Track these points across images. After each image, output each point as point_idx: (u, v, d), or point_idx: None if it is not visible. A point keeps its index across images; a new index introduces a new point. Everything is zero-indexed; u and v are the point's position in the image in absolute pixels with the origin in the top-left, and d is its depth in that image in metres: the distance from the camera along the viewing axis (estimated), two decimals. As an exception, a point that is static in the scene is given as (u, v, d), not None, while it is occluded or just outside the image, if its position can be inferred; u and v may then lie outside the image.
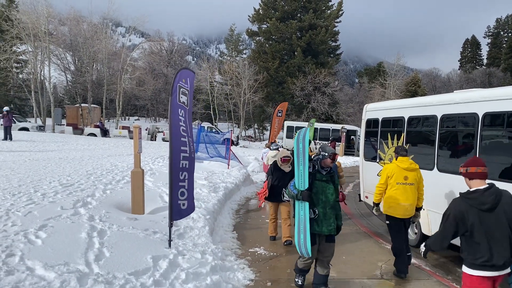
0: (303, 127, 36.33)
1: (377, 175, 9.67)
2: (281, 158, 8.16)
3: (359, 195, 10.95)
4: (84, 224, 6.35)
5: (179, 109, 6.23)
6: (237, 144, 38.79)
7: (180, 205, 6.27)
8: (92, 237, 5.90)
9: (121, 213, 7.54)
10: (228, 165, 16.02)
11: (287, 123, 38.84)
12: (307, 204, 5.27)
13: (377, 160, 9.84)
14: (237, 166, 16.35)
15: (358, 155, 35.91)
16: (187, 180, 6.28)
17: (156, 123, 63.31)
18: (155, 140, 38.21)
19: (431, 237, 4.04)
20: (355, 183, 17.11)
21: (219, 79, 57.96)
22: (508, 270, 3.69)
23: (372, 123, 10.31)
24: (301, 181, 5.28)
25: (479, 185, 3.80)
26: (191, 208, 6.49)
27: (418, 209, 6.69)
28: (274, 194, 8.10)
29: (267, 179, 8.29)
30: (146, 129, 40.35)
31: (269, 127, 41.38)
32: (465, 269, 3.74)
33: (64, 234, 5.82)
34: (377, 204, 6.99)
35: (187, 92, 6.44)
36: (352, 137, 36.79)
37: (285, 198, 7.99)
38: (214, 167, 15.29)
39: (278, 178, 8.06)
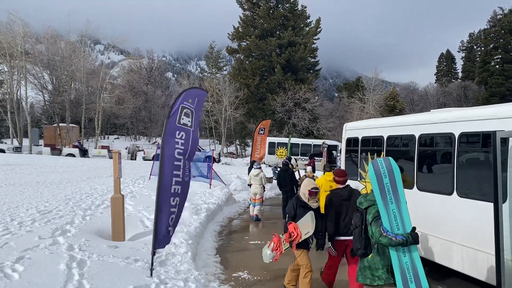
0: (285, 143, 36.62)
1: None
2: (308, 191, 6.22)
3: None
4: (63, 255, 6.21)
5: (178, 132, 6.09)
6: (219, 161, 38.67)
7: (170, 232, 6.17)
8: (72, 268, 5.76)
9: (101, 240, 7.40)
10: (210, 184, 15.94)
11: (268, 139, 38.95)
12: (415, 246, 4.49)
13: (358, 179, 9.94)
14: (219, 185, 16.27)
15: None
16: (177, 206, 6.17)
17: (136, 141, 62.76)
18: (135, 159, 37.81)
19: (328, 227, 6.24)
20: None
21: (200, 96, 58.04)
22: None
23: (352, 142, 10.44)
24: (396, 222, 4.43)
25: (341, 185, 6.32)
26: (172, 235, 6.41)
27: None
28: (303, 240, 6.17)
29: (287, 220, 6.27)
30: (126, 148, 39.96)
31: (251, 143, 41.55)
32: (331, 239, 6.21)
33: (42, 266, 5.68)
34: None
35: (190, 113, 6.23)
36: (333, 152, 37.12)
37: (310, 246, 6.28)
38: (195, 187, 15.18)
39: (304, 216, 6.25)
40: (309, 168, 13.99)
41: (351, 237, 5.53)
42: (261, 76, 53.49)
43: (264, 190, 13.99)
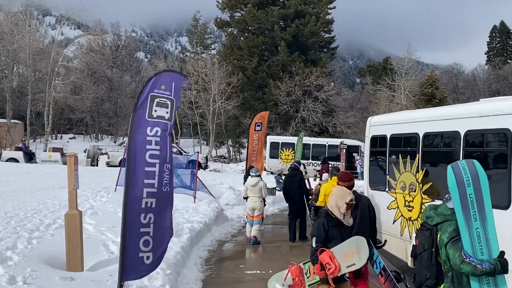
0: (292, 143, 36.65)
1: (387, 208, 9.80)
2: (346, 204, 5.98)
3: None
4: (3, 289, 6.22)
5: (149, 128, 6.11)
6: (206, 167, 38.73)
7: (143, 258, 6.16)
8: (14, 306, 5.77)
9: (53, 270, 7.41)
10: (195, 198, 15.96)
11: (270, 139, 38.91)
12: (503, 277, 4.47)
13: (386, 189, 9.96)
14: (206, 198, 16.31)
15: (362, 178, 35.87)
16: (152, 225, 6.18)
17: (97, 142, 62.74)
18: (97, 165, 37.80)
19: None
20: (360, 217, 17.20)
21: (181, 83, 58.18)
22: None
23: (378, 142, 10.46)
24: (480, 245, 4.41)
25: None
26: (158, 261, 6.41)
27: None
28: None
29: (316, 246, 5.97)
30: (85, 151, 39.91)
31: (247, 144, 41.53)
32: None
33: (-25, 304, 5.69)
34: None
35: (168, 103, 6.26)
36: (354, 154, 37.18)
37: (346, 276, 6.18)
38: (176, 202, 15.04)
39: (339, 239, 5.97)
40: (325, 176, 14.03)
41: None
42: (260, 56, 53.59)
43: (265, 205, 13.99)
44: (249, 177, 13.97)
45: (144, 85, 6.17)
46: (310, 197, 14.15)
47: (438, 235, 4.65)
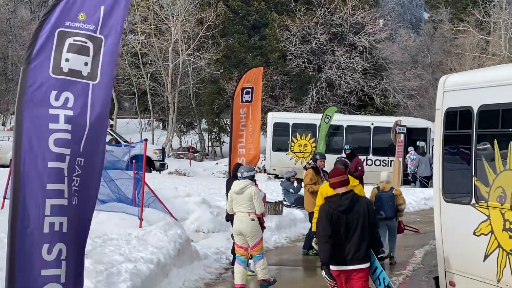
0: (311, 124, 36.68)
1: (474, 233, 9.82)
2: None
3: (436, 278, 11.03)
4: None
5: (55, 92, 5.96)
6: (162, 167, 38.81)
7: None
8: None
9: None
10: (141, 219, 15.97)
11: (274, 117, 38.86)
12: None
13: (472, 201, 9.96)
14: (161, 221, 16.31)
15: (416, 184, 35.65)
16: (64, 264, 6.10)
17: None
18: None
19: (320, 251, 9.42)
20: (428, 250, 17.30)
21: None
22: (360, 266, 9.00)
23: (458, 119, 10.46)
24: None
25: (341, 191, 9.06)
26: None
27: None
28: None
29: None
30: None
31: (230, 127, 41.22)
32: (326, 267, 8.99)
33: None
34: None
35: (90, 47, 6.09)
36: (419, 143, 37.22)
37: None
38: (108, 226, 15.20)
39: None
40: (384, 174, 14.36)
41: (355, 266, 9.01)
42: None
43: (263, 227, 13.93)
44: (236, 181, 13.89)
45: (46, 14, 5.95)
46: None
47: None
